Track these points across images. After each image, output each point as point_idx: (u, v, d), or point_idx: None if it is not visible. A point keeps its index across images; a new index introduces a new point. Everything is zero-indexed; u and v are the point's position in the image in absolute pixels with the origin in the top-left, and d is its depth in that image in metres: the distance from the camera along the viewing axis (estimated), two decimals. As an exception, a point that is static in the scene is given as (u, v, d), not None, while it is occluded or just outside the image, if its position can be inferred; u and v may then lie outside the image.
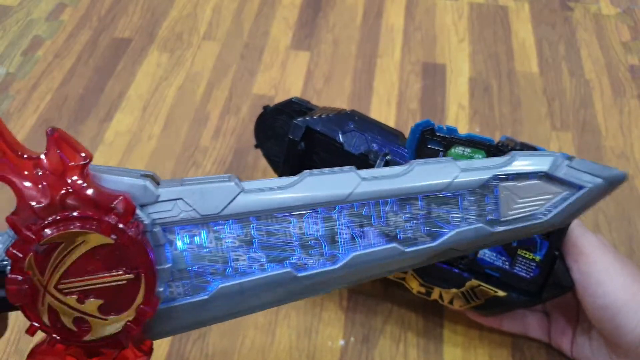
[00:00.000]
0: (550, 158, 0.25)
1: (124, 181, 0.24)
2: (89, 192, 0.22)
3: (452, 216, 0.25)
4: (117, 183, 0.23)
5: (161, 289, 0.24)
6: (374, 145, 0.40)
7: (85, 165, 0.23)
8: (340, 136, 0.40)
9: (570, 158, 0.26)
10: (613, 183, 0.25)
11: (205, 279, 0.25)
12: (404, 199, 0.25)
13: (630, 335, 0.34)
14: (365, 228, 0.25)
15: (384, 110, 0.58)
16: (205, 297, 0.25)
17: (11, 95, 0.60)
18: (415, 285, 0.41)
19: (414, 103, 0.59)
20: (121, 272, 0.23)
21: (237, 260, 0.25)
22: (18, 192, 0.22)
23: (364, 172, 0.26)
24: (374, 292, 0.45)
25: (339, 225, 0.25)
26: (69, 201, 0.22)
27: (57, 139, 0.23)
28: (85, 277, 0.23)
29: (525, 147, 0.36)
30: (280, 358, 0.42)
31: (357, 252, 0.25)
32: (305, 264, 0.26)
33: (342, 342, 0.43)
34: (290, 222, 0.25)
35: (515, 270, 0.37)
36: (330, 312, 0.44)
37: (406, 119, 0.58)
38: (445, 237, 0.25)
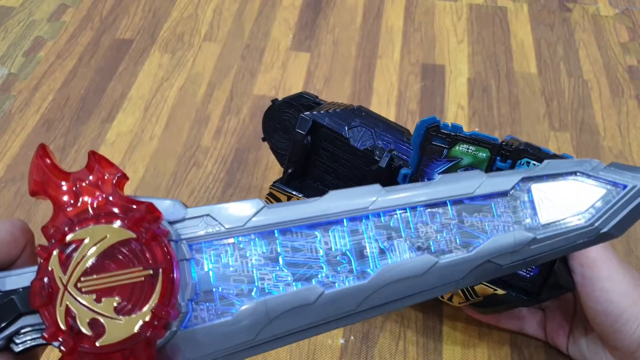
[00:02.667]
0: (585, 161, 0.24)
1: (155, 200, 0.24)
2: (118, 197, 0.23)
3: (487, 224, 0.24)
4: (148, 200, 0.24)
5: (183, 303, 0.23)
6: (380, 141, 0.40)
7: (119, 178, 0.23)
8: (346, 131, 0.40)
9: (607, 165, 0.24)
10: None
11: (230, 300, 0.24)
12: (433, 207, 0.24)
13: (628, 340, 0.34)
14: (395, 240, 0.24)
15: (384, 110, 0.59)
16: (230, 318, 0.24)
17: (13, 95, 0.60)
18: None
19: (413, 103, 0.60)
20: (140, 268, 0.22)
21: (263, 279, 0.24)
22: (54, 199, 0.23)
23: (389, 187, 0.25)
24: (374, 291, 0.45)
25: (366, 238, 0.24)
26: (100, 205, 0.23)
27: (97, 157, 0.24)
28: (105, 275, 0.22)
29: (530, 147, 0.36)
30: (280, 358, 0.42)
31: (388, 265, 0.24)
32: (334, 282, 0.24)
33: (342, 341, 0.43)
34: (316, 237, 0.24)
35: None
36: (331, 311, 0.44)
37: (405, 119, 0.58)
38: (481, 245, 0.24)
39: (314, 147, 0.42)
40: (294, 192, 0.42)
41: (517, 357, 0.42)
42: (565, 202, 0.24)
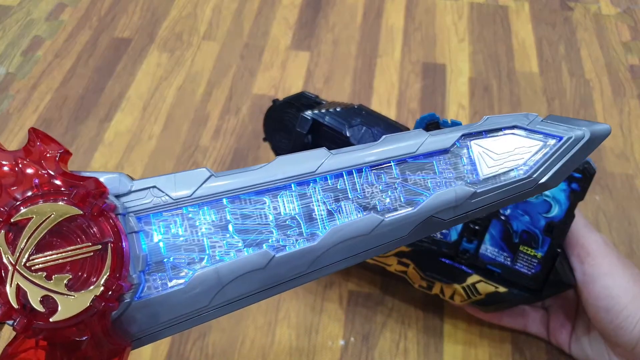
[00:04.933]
0: (522, 115, 0.25)
1: (100, 173, 0.24)
2: (63, 176, 0.23)
3: (429, 181, 0.25)
4: (93, 175, 0.24)
5: (134, 275, 0.24)
6: None
7: (63, 155, 0.23)
8: (346, 130, 0.40)
9: (545, 117, 0.25)
10: (595, 134, 0.24)
11: (181, 269, 0.25)
12: (378, 167, 0.25)
13: (628, 336, 0.34)
14: (342, 202, 0.25)
15: (384, 110, 0.58)
16: (182, 286, 0.25)
17: (11, 95, 0.60)
18: (416, 280, 0.41)
19: (414, 103, 0.59)
20: (89, 244, 0.23)
21: (214, 247, 0.25)
22: None
23: (335, 150, 0.26)
24: (374, 292, 0.45)
25: (315, 201, 0.25)
26: (44, 183, 0.23)
27: (38, 134, 0.23)
28: (53, 252, 0.23)
29: None
30: (280, 358, 0.42)
31: (336, 226, 0.25)
32: (284, 246, 0.25)
33: (342, 342, 0.42)
34: (265, 203, 0.25)
35: (516, 267, 0.37)
36: (330, 312, 0.44)
37: (406, 118, 0.58)
38: (424, 202, 0.25)
39: (315, 146, 0.42)
40: None
41: (519, 357, 0.42)
42: (504, 156, 0.25)
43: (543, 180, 0.24)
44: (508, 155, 0.25)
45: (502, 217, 0.37)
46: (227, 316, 0.44)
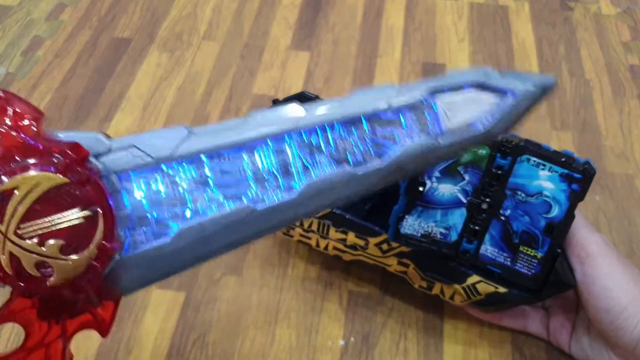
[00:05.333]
0: (482, 70, 0.27)
1: (76, 134, 0.25)
2: (42, 139, 0.23)
3: (397, 135, 0.27)
4: (70, 136, 0.24)
5: (121, 233, 0.24)
6: None
7: (38, 119, 0.23)
8: None
9: (503, 72, 0.27)
10: (544, 87, 0.26)
11: (165, 223, 0.26)
12: (349, 123, 0.26)
13: (628, 337, 0.34)
14: (317, 156, 0.26)
15: (384, 110, 0.58)
16: (168, 241, 0.25)
17: (11, 95, 0.60)
18: (417, 280, 0.41)
19: (414, 103, 0.59)
20: (78, 210, 0.23)
21: (196, 201, 0.26)
22: None
23: (308, 105, 0.27)
24: (374, 292, 0.45)
25: (291, 156, 0.26)
26: (24, 151, 0.23)
27: (10, 98, 0.24)
28: (43, 220, 0.23)
29: (530, 144, 0.36)
30: (280, 358, 0.42)
31: (312, 180, 0.26)
32: (263, 198, 0.26)
33: (342, 342, 0.42)
34: (243, 159, 0.26)
35: (516, 267, 0.37)
36: (330, 312, 0.44)
37: (406, 118, 0.58)
38: (392, 155, 0.26)
39: None
40: None
41: (519, 357, 0.42)
42: (464, 111, 0.27)
43: (496, 131, 0.27)
44: (468, 110, 0.27)
45: (502, 218, 0.37)
46: (227, 316, 0.44)
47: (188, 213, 0.26)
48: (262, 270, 0.46)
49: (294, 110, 0.26)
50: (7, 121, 0.23)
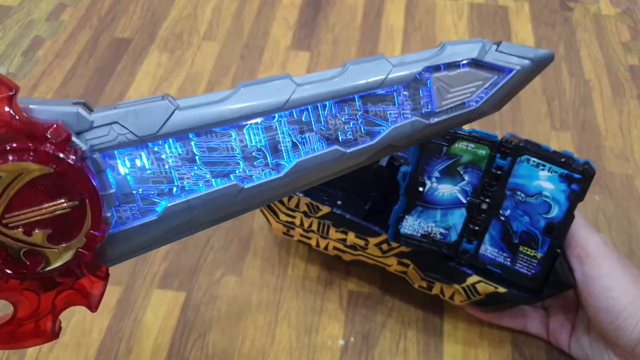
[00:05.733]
0: (479, 44, 0.25)
1: (56, 110, 0.23)
2: (20, 122, 0.22)
3: (389, 113, 0.26)
4: (49, 113, 0.23)
5: (109, 214, 0.24)
6: None
7: (12, 96, 0.22)
8: None
9: (499, 44, 0.26)
10: (540, 63, 0.25)
11: (152, 200, 0.25)
12: (342, 101, 0.26)
13: (628, 337, 0.35)
14: (307, 134, 0.26)
15: (384, 110, 0.58)
16: (155, 217, 0.25)
17: (11, 95, 0.60)
18: (416, 280, 0.41)
19: (413, 103, 0.59)
20: (64, 200, 0.23)
21: (182, 178, 0.25)
22: None
23: (299, 78, 0.26)
24: (374, 292, 0.45)
25: (280, 133, 0.26)
26: (1, 135, 0.22)
27: None
28: (29, 209, 0.23)
29: (530, 144, 0.36)
30: (280, 358, 0.42)
31: (301, 159, 0.26)
32: (251, 176, 0.26)
33: (342, 342, 0.43)
34: (231, 136, 0.25)
35: (516, 267, 0.38)
36: (330, 312, 0.44)
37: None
38: (383, 134, 0.26)
39: None
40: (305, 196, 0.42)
41: (519, 357, 0.42)
42: (459, 89, 0.26)
43: (487, 109, 0.26)
44: (463, 88, 0.26)
45: (502, 218, 0.37)
46: (227, 316, 0.44)
47: (174, 190, 0.25)
48: (262, 270, 0.46)
49: (285, 85, 0.26)
50: None
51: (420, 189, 0.37)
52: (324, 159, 0.26)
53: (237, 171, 0.26)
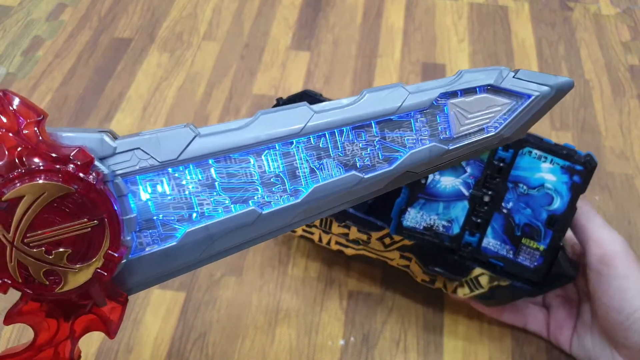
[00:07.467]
0: (496, 72, 0.26)
1: (81, 136, 0.24)
2: (46, 145, 0.23)
3: (406, 139, 0.26)
4: (74, 139, 0.24)
5: (128, 238, 0.24)
6: None
7: (41, 121, 0.23)
8: None
9: (516, 72, 0.26)
10: (560, 90, 0.25)
11: (172, 226, 0.26)
12: (359, 127, 0.26)
13: (637, 338, 0.35)
14: (324, 160, 0.26)
15: (384, 110, 0.58)
16: (174, 243, 0.25)
17: (11, 95, 0.60)
18: (419, 274, 0.41)
19: (413, 103, 0.59)
20: (85, 220, 0.23)
21: (202, 204, 0.26)
22: None
23: (317, 106, 0.26)
24: (374, 291, 0.45)
25: (298, 159, 0.26)
26: (27, 157, 0.23)
27: (11, 98, 0.23)
28: (51, 229, 0.23)
29: (531, 137, 0.37)
30: (280, 358, 0.42)
31: (319, 184, 0.26)
32: (269, 202, 0.26)
33: (342, 342, 0.43)
34: (250, 162, 0.26)
35: (519, 260, 0.38)
36: (330, 312, 0.44)
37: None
38: (400, 160, 0.26)
39: None
40: None
41: (519, 355, 0.42)
42: (477, 115, 0.26)
43: (509, 135, 0.26)
44: (481, 114, 0.26)
45: (504, 210, 0.37)
46: (227, 316, 0.44)
47: (195, 217, 0.26)
48: (262, 270, 0.46)
49: (302, 113, 0.26)
50: (9, 123, 0.23)
51: (423, 181, 0.37)
52: (341, 185, 0.26)
53: (255, 197, 0.26)
